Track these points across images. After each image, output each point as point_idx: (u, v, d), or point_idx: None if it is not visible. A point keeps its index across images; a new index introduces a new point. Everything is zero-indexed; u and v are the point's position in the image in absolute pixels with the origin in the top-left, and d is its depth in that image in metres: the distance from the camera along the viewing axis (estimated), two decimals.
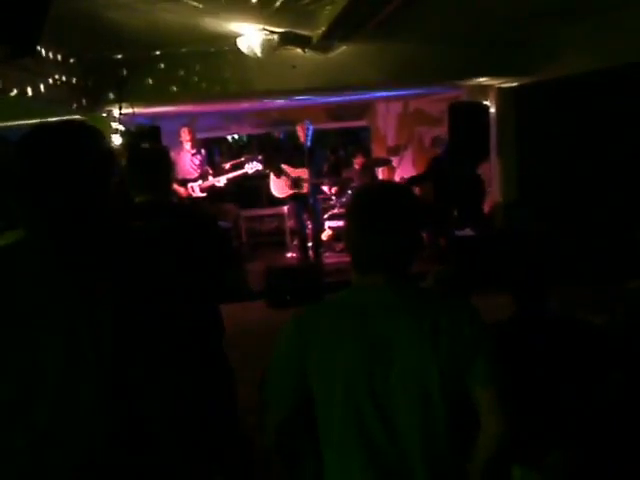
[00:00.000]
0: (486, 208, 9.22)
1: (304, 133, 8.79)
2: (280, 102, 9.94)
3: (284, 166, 9.03)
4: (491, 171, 9.11)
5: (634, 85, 6.77)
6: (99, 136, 1.84)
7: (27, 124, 1.88)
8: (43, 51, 5.67)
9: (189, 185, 9.01)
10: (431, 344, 1.81)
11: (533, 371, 2.73)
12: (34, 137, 1.77)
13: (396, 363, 1.82)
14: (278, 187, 9.21)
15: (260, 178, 10.51)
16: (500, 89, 8.67)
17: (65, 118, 1.91)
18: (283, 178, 9.08)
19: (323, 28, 5.90)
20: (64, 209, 1.73)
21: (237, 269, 3.92)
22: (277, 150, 10.00)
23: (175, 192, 8.36)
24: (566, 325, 2.87)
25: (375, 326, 1.84)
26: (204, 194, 9.07)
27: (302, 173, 8.91)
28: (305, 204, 9.06)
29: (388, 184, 2.04)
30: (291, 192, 9.10)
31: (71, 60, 6.31)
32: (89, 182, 1.77)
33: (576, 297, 4.87)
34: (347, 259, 2.01)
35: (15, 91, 5.21)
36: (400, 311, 1.86)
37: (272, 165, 9.20)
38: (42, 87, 5.68)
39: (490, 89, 8.75)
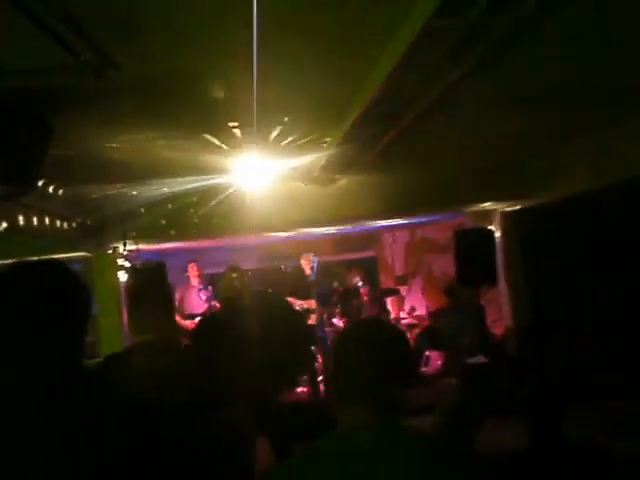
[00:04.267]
0: (498, 334, 9.09)
1: (309, 265, 8.87)
2: (285, 236, 10.02)
3: (290, 299, 9.01)
4: (500, 296, 9.02)
5: (629, 202, 6.79)
6: (78, 281, 1.79)
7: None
8: (49, 189, 5.79)
9: (196, 319, 8.94)
10: None
11: None
12: (14, 276, 1.71)
13: None
14: None
15: None
16: (503, 213, 8.71)
17: (49, 258, 1.85)
18: None
19: (320, 163, 6.00)
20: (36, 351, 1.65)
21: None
22: (283, 283, 10.02)
23: (177, 328, 8.32)
24: (585, 455, 2.72)
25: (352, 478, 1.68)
26: None
27: (309, 304, 8.88)
28: (314, 337, 8.98)
29: (376, 320, 2.01)
30: None
31: (72, 197, 6.41)
32: (67, 325, 1.71)
33: (597, 414, 4.67)
34: None
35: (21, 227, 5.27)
36: (379, 459, 1.69)
37: None
38: (46, 224, 5.74)
39: (494, 213, 8.79)
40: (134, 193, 7.14)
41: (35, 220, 5.46)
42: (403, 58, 3.21)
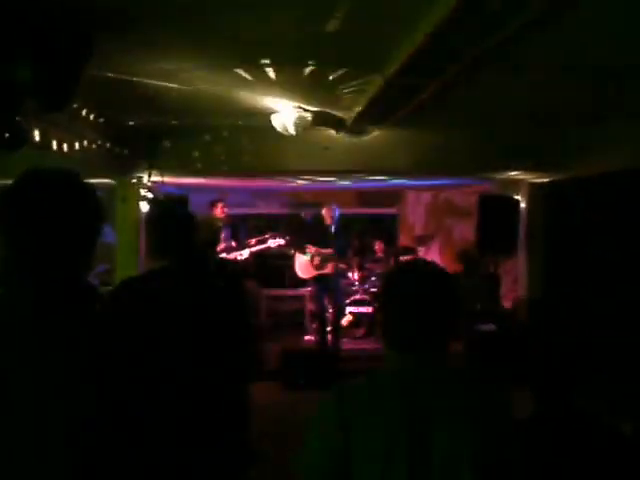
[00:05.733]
0: (509, 303, 9.10)
1: (330, 215, 8.87)
2: (310, 183, 10.00)
3: (309, 246, 9.05)
4: (518, 267, 8.99)
5: None
6: (91, 193, 1.77)
7: None
8: (82, 112, 5.77)
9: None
10: (470, 427, 1.82)
11: (554, 471, 2.57)
12: (25, 185, 1.70)
13: (436, 445, 1.80)
14: (303, 268, 9.23)
15: (284, 258, 10.56)
16: (531, 184, 8.61)
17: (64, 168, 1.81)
18: (308, 259, 9.10)
19: (356, 111, 5.93)
20: (49, 262, 1.65)
21: (252, 348, 3.83)
22: (302, 230, 10.04)
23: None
24: (589, 430, 2.71)
25: (416, 407, 1.83)
26: None
27: (327, 254, 8.94)
28: (328, 287, 9.03)
29: (426, 265, 2.00)
30: (316, 273, 9.09)
31: (106, 123, 6.39)
32: (77, 238, 1.70)
33: (606, 394, 4.68)
34: (365, 346, 2.02)
35: (53, 146, 5.26)
36: (441, 391, 1.86)
37: (297, 244, 9.24)
38: (77, 146, 5.73)
39: (521, 184, 8.70)
40: (166, 124, 7.13)
41: (64, 140, 5.44)
42: (453, 9, 3.14)
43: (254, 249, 9.32)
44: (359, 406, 1.86)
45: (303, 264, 9.21)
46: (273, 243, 9.38)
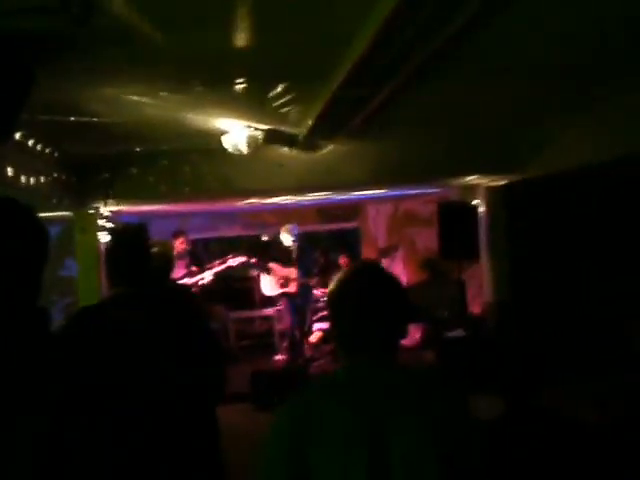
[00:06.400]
0: (477, 308, 9.15)
1: (290, 234, 9.00)
2: (270, 203, 9.99)
3: (272, 264, 9.09)
4: (482, 272, 9.04)
5: (622, 180, 6.80)
6: (31, 218, 1.73)
7: None
8: (29, 143, 5.69)
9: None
10: (425, 426, 1.81)
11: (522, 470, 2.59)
12: None
13: (394, 444, 1.78)
14: (269, 285, 9.26)
15: (249, 280, 10.55)
16: (489, 188, 8.69)
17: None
18: (273, 276, 9.15)
19: (307, 127, 5.93)
20: None
21: (218, 370, 3.78)
22: (264, 251, 10.04)
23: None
24: (556, 423, 2.74)
25: (372, 409, 1.82)
26: None
27: (290, 272, 8.97)
28: (295, 304, 9.10)
29: (373, 268, 2.02)
30: (282, 291, 9.13)
31: (56, 154, 6.32)
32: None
33: (570, 392, 4.72)
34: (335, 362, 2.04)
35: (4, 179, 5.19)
36: (397, 393, 1.85)
37: (261, 264, 9.28)
38: (30, 182, 5.65)
39: (479, 188, 8.76)
40: (118, 151, 7.08)
41: (11, 173, 5.35)
42: (392, 17, 3.16)
43: (216, 270, 9.30)
44: (313, 410, 1.85)
45: (268, 283, 9.24)
46: (234, 262, 9.36)
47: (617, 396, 3.98)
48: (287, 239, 9.16)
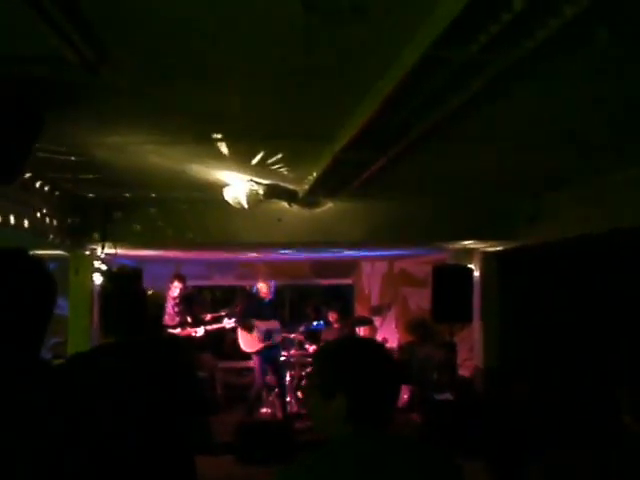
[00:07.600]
0: (466, 372, 9.12)
1: (268, 289, 9.15)
2: (264, 255, 10.05)
3: (256, 322, 9.18)
4: (473, 336, 9.04)
5: (616, 251, 6.86)
6: (40, 272, 1.75)
7: None
8: (35, 184, 5.77)
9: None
10: None
11: None
12: None
13: None
14: (247, 341, 9.29)
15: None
16: (484, 252, 8.75)
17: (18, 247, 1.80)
18: (256, 332, 9.19)
19: (308, 184, 6.00)
20: None
21: (201, 420, 3.77)
22: (251, 303, 10.01)
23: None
24: None
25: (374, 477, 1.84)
26: None
27: (272, 325, 9.11)
28: (272, 359, 9.28)
29: (369, 341, 2.10)
30: (261, 345, 9.10)
31: (60, 195, 6.38)
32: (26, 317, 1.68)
33: (562, 461, 4.67)
34: None
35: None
36: (396, 460, 1.88)
37: (244, 320, 9.26)
38: (26, 220, 5.69)
39: (475, 252, 8.83)
40: (120, 196, 7.14)
41: (14, 213, 5.40)
42: (397, 88, 3.23)
43: (209, 327, 9.39)
44: (315, 476, 1.86)
45: (247, 338, 9.25)
46: (228, 324, 9.55)
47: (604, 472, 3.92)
48: (263, 293, 9.33)
